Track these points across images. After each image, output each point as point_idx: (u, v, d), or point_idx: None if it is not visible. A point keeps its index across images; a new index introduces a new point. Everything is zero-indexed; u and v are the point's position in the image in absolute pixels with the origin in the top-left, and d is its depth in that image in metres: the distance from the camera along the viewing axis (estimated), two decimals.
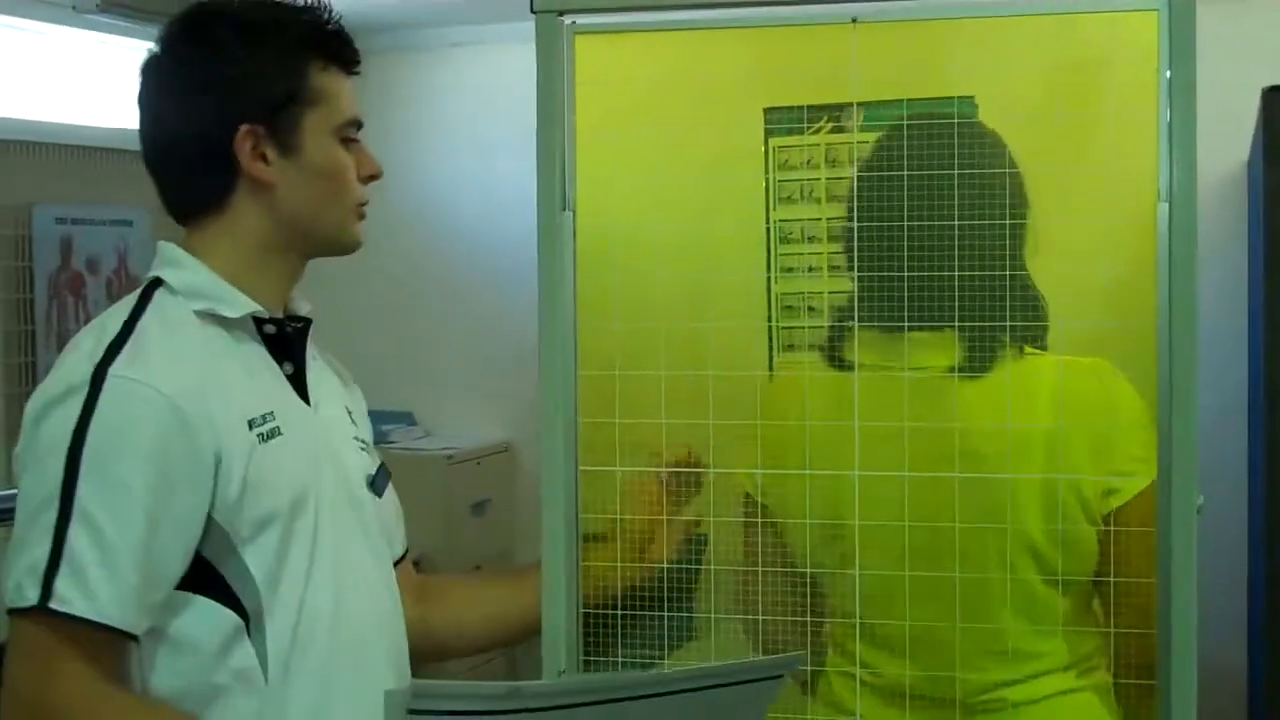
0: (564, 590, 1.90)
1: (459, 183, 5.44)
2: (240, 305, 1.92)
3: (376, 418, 5.19)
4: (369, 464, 2.10)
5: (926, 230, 1.93)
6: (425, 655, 2.17)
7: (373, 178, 2.02)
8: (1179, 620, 1.65)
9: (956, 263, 1.92)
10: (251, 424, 1.85)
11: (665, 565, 2.09)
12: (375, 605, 2.01)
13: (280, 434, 1.88)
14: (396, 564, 2.15)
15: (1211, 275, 1.68)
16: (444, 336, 5.46)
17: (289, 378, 1.98)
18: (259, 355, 1.95)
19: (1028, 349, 2.02)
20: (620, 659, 1.99)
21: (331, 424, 2.04)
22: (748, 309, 2.21)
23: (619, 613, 2.01)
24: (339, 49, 2.00)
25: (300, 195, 1.94)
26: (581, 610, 1.94)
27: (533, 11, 1.89)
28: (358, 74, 2.03)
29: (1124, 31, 2.01)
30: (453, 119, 5.43)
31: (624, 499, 2.04)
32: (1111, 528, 1.95)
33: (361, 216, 2.00)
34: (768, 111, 2.35)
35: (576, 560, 1.92)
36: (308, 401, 1.99)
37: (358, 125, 2.00)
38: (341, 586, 1.93)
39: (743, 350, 2.16)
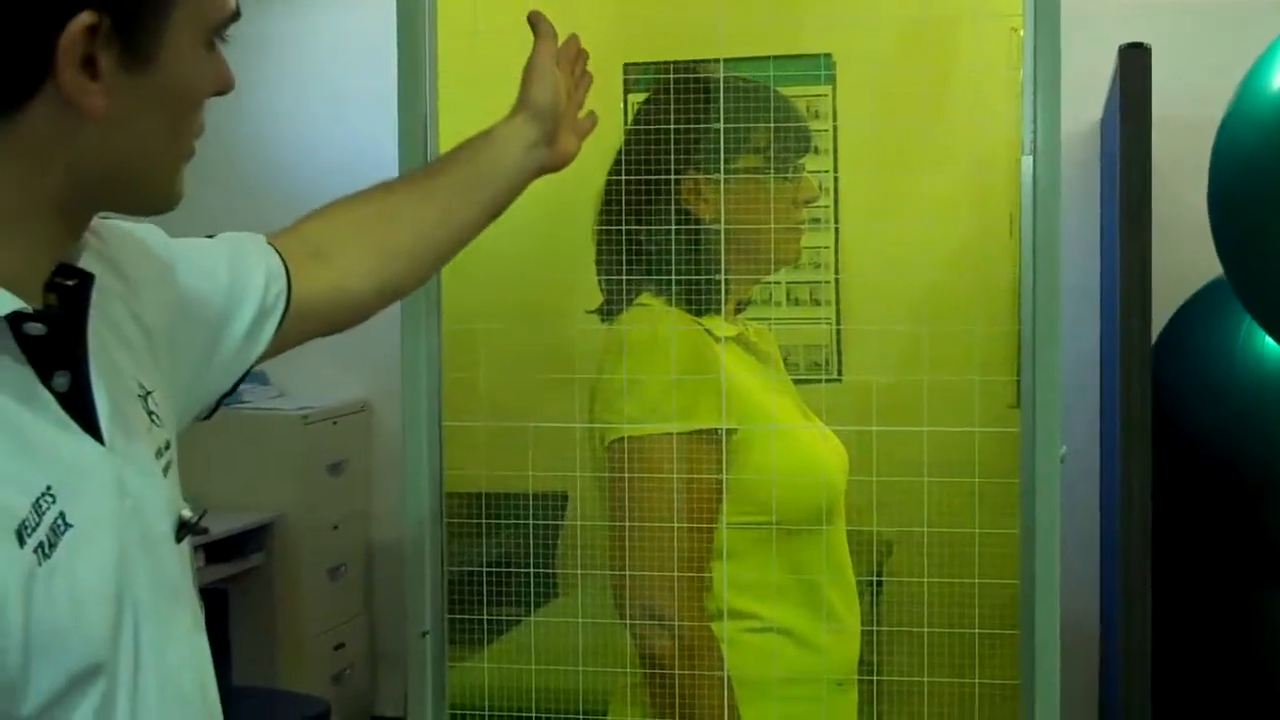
0: (428, 549, 1.87)
1: (311, 136, 5.35)
2: None
3: None
4: (175, 486, 1.30)
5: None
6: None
7: (221, 93, 1.25)
8: (1043, 566, 1.67)
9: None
10: (23, 531, 1.07)
11: (531, 524, 2.06)
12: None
13: (68, 525, 1.10)
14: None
15: (1066, 231, 1.69)
16: None
17: (63, 397, 1.14)
18: (18, 379, 1.11)
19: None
20: (485, 617, 1.96)
21: (130, 450, 1.21)
22: None
23: (484, 569, 1.99)
24: None
25: (132, 131, 1.15)
26: (447, 569, 1.91)
27: None
28: None
29: None
30: (306, 71, 5.33)
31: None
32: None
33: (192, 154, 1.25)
34: (627, 67, 2.34)
35: (441, 518, 1.89)
36: (98, 432, 1.16)
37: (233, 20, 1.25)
38: None
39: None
